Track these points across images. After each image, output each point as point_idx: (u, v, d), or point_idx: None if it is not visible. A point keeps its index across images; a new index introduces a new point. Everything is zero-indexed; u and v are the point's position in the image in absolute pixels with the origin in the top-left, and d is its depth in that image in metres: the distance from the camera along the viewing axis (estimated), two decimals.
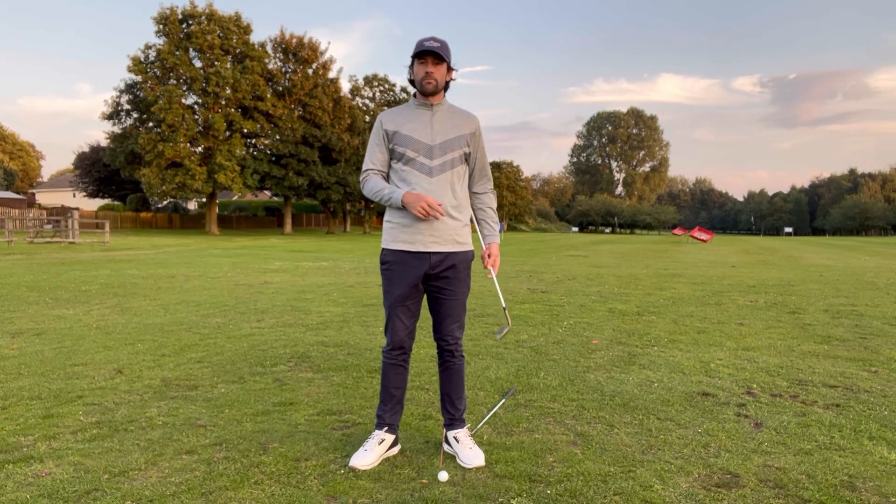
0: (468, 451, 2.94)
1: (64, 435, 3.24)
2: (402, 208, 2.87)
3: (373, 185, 2.95)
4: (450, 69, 2.92)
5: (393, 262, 2.94)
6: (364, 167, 3.02)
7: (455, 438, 3.02)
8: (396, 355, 3.03)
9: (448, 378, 3.08)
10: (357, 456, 2.90)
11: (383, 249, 3.00)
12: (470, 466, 2.87)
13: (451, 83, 2.98)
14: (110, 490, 2.60)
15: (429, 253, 2.91)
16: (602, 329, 6.47)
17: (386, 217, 3.01)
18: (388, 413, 3.05)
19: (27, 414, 3.57)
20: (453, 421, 3.08)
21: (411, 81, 2.93)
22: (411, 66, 2.91)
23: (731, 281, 11.91)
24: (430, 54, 2.83)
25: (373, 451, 2.92)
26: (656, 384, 4.30)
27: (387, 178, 3.02)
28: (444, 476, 2.74)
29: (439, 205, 2.83)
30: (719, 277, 12.70)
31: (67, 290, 9.52)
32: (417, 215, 2.80)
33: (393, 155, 2.96)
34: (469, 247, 3.03)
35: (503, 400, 3.57)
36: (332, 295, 9.22)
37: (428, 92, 2.89)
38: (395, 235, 2.94)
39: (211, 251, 22.63)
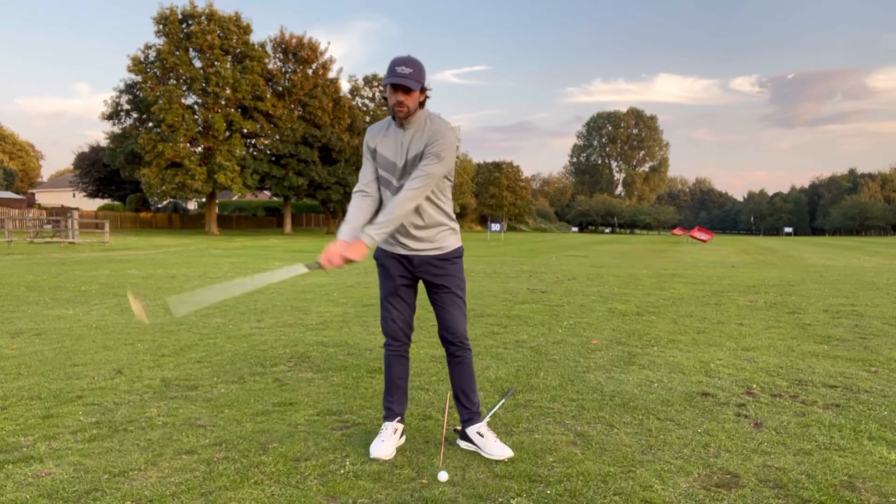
0: (495, 444, 3.02)
1: (64, 435, 3.24)
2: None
3: (349, 210, 3.05)
4: (423, 90, 2.88)
5: (381, 259, 3.15)
6: (363, 168, 3.12)
7: (479, 434, 3.07)
8: (396, 347, 3.14)
9: (460, 373, 3.14)
10: (377, 447, 2.98)
11: (376, 248, 3.16)
12: (501, 458, 2.94)
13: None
14: (110, 490, 2.60)
15: (407, 256, 3.05)
16: (602, 329, 6.46)
17: None
18: (396, 403, 3.15)
19: (27, 414, 3.57)
20: (472, 416, 3.12)
21: (385, 98, 2.91)
22: (385, 86, 2.87)
23: (731, 281, 11.91)
24: (400, 86, 2.80)
25: (390, 441, 3.02)
26: (656, 384, 4.30)
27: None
28: (443, 476, 2.74)
29: (339, 265, 2.87)
30: (719, 277, 12.70)
31: (67, 290, 9.52)
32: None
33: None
34: (450, 248, 3.07)
35: (503, 400, 3.57)
36: (332, 295, 9.22)
37: (400, 118, 2.90)
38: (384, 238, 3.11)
39: (211, 251, 22.63)
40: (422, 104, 2.92)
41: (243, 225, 61.49)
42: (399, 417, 3.13)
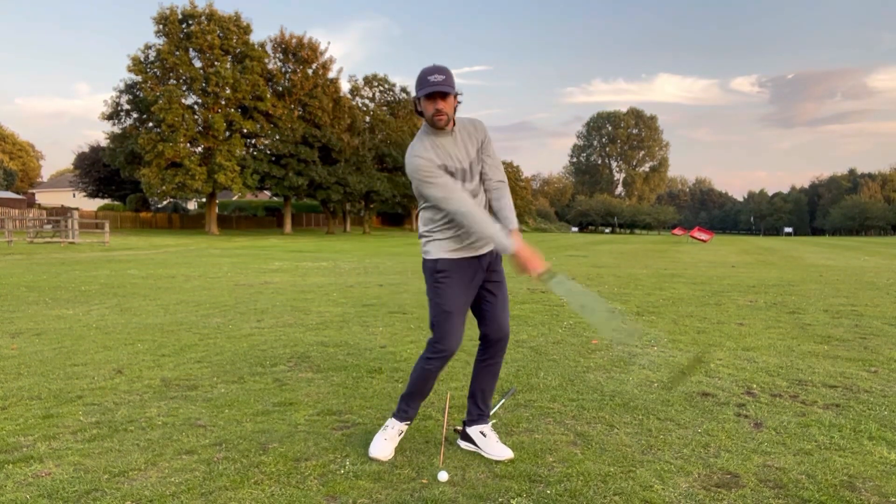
0: (496, 444, 3.03)
1: (64, 435, 3.24)
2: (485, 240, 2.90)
3: (470, 210, 2.78)
4: (455, 96, 2.91)
5: (451, 271, 2.93)
6: (443, 183, 2.83)
7: (482, 433, 3.09)
8: (446, 361, 2.97)
9: (487, 374, 3.13)
10: (378, 447, 2.99)
11: (438, 260, 2.94)
12: (502, 459, 2.95)
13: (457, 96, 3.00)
14: (110, 490, 2.60)
15: (485, 255, 3.01)
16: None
17: (428, 229, 2.98)
18: (412, 409, 3.14)
19: (27, 414, 3.57)
20: (480, 416, 3.13)
21: (419, 113, 2.90)
22: (417, 100, 2.87)
23: (731, 281, 11.91)
24: (438, 93, 2.82)
25: (392, 442, 3.03)
26: (656, 384, 4.30)
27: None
28: (443, 476, 2.74)
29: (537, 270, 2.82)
30: (719, 277, 12.70)
31: (67, 290, 9.52)
32: (517, 270, 2.83)
33: None
34: None
35: (503, 400, 3.57)
36: (332, 295, 9.22)
37: (441, 127, 2.88)
38: (450, 245, 2.94)
39: (211, 251, 22.64)
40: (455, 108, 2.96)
41: (243, 225, 61.48)
42: (409, 421, 3.14)
